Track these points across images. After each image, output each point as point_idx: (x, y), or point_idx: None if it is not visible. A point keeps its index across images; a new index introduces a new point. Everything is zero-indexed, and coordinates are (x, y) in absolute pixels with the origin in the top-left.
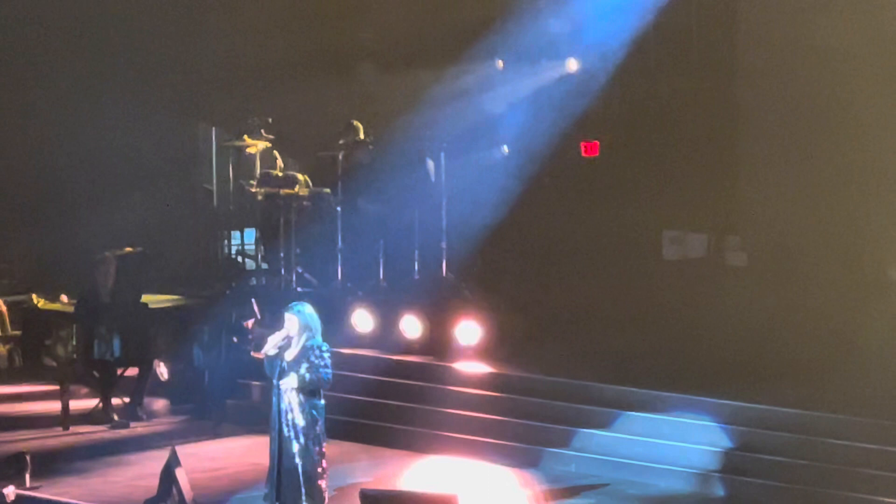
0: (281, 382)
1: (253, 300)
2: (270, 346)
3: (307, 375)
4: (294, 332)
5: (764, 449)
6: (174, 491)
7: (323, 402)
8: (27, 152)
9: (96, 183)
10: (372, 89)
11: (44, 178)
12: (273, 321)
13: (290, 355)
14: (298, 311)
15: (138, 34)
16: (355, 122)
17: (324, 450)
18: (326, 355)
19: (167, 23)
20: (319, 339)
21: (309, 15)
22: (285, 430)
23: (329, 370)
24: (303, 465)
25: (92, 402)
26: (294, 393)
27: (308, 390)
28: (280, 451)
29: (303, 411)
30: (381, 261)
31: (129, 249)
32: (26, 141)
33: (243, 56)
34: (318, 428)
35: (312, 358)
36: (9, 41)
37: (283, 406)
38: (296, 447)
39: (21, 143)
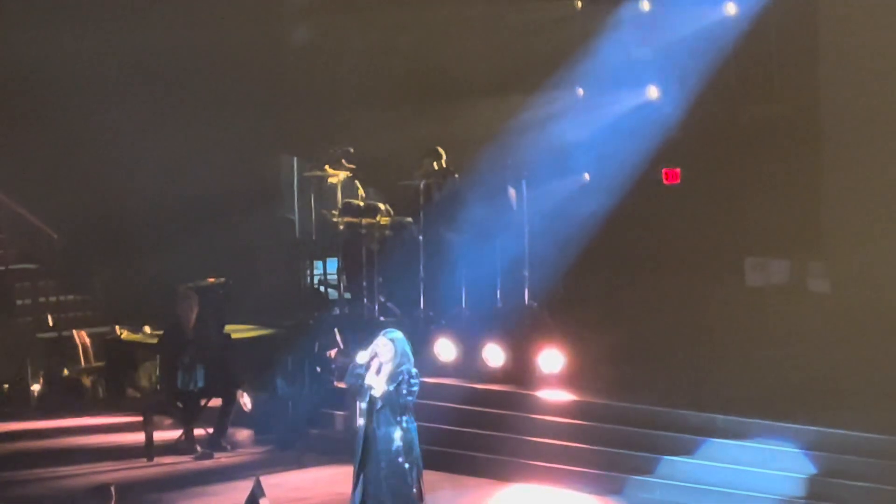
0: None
1: (336, 330)
2: (378, 384)
3: (397, 399)
4: (387, 357)
5: (848, 475)
6: None
7: (416, 424)
8: (109, 183)
9: (178, 214)
10: (453, 118)
11: (126, 208)
12: (356, 351)
13: (380, 381)
14: (397, 339)
15: (221, 65)
16: (439, 149)
17: (423, 472)
18: (415, 384)
19: (248, 54)
20: (411, 366)
21: (390, 44)
22: (382, 456)
23: (412, 398)
24: (400, 489)
25: (176, 433)
26: (390, 417)
27: (400, 413)
28: (366, 478)
29: (401, 436)
30: (464, 289)
31: (211, 280)
32: (109, 171)
33: (324, 86)
34: (415, 451)
35: (403, 384)
36: (91, 73)
37: (380, 432)
38: (395, 471)
39: (103, 174)
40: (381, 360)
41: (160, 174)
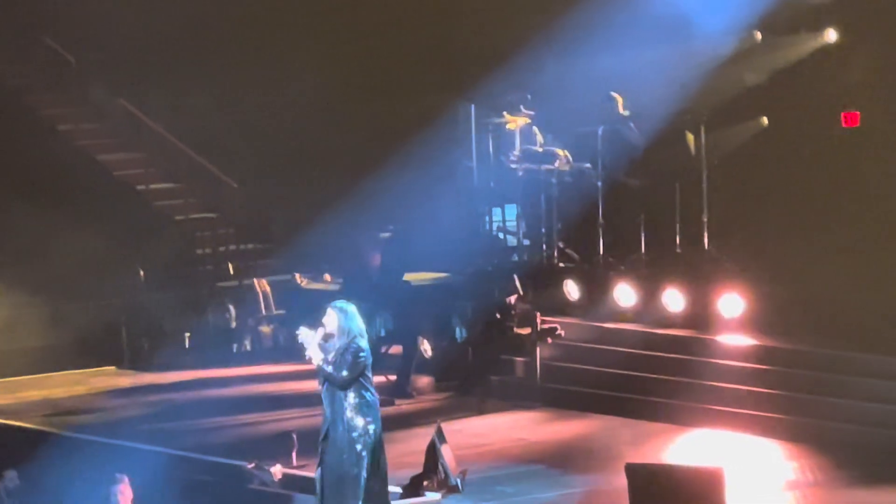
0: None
1: (515, 276)
2: (315, 355)
3: (335, 373)
4: (332, 328)
5: None
6: (440, 467)
7: (375, 398)
8: (289, 132)
9: (358, 161)
10: (631, 63)
11: (306, 156)
12: (536, 297)
13: (318, 353)
14: (340, 310)
15: (399, 13)
16: (615, 95)
17: (384, 451)
18: (362, 356)
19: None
20: (361, 343)
21: None
22: (339, 433)
23: (345, 372)
24: (345, 466)
25: None
26: (338, 392)
27: (342, 388)
28: (323, 455)
29: (353, 411)
30: (643, 235)
31: (391, 228)
32: (288, 121)
33: (502, 32)
34: (370, 428)
35: (344, 358)
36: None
37: (333, 406)
38: (343, 447)
39: (283, 124)
40: (326, 330)
41: (339, 122)
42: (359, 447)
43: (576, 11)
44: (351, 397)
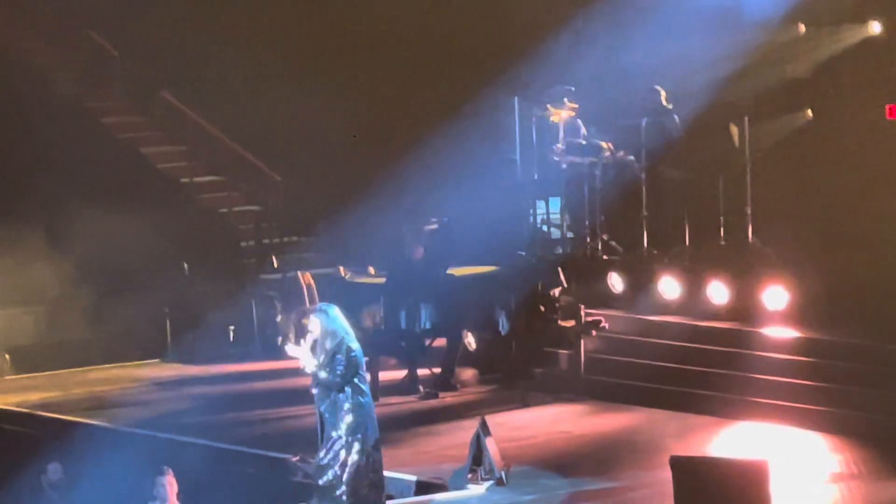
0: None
1: (559, 269)
2: (308, 362)
3: (328, 376)
4: (317, 334)
5: None
6: (484, 460)
7: (367, 399)
8: (332, 124)
9: (402, 154)
10: (668, 56)
11: (346, 150)
12: (580, 290)
13: (309, 357)
14: (322, 313)
15: (445, 6)
16: (657, 87)
17: (377, 448)
18: (353, 355)
19: None
20: (351, 342)
21: None
22: (333, 432)
23: (339, 373)
24: (354, 465)
25: (400, 374)
26: (336, 395)
27: (334, 391)
28: (326, 453)
29: (349, 412)
30: (687, 227)
31: (434, 221)
32: (330, 112)
33: (547, 25)
34: (359, 432)
35: (340, 357)
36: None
37: (322, 408)
38: (345, 447)
39: (325, 115)
40: (313, 336)
41: (383, 115)
42: (351, 447)
43: (620, 4)
44: (343, 399)
